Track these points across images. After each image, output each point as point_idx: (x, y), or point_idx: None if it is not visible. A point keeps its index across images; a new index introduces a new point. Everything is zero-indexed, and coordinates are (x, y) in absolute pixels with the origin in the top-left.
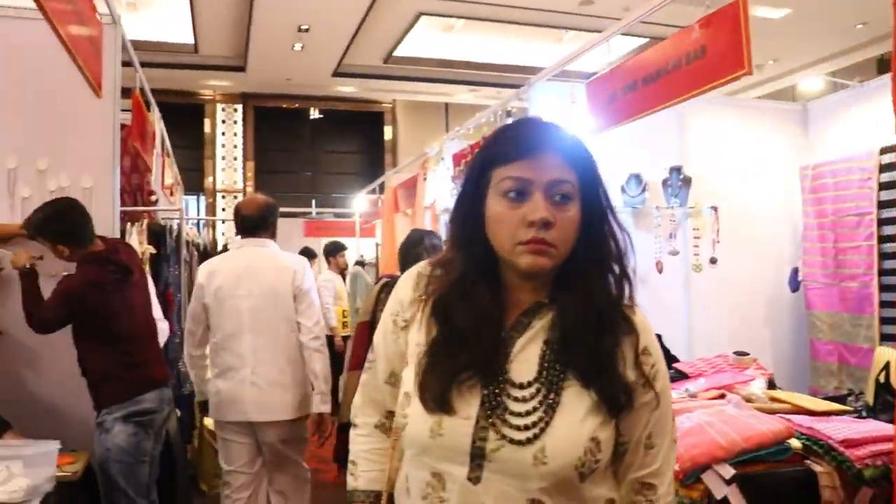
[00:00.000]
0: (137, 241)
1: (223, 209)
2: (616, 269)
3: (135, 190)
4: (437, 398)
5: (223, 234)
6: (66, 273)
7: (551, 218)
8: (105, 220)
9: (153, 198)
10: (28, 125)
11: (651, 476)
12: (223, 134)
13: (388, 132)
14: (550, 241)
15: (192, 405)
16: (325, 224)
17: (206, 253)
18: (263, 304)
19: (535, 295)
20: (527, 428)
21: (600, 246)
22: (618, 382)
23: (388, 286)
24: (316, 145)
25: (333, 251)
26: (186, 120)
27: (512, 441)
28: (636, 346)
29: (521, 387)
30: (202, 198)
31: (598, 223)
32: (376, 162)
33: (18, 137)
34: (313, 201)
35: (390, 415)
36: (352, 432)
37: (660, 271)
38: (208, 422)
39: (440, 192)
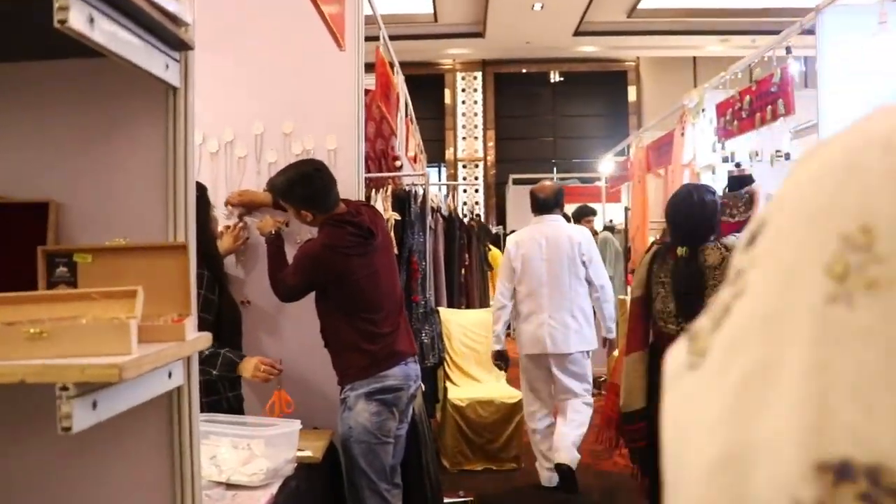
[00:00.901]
0: (382, 207)
1: (464, 178)
2: None
3: (379, 156)
4: None
5: (464, 203)
6: (310, 238)
7: None
8: (349, 184)
9: (398, 163)
10: (272, 89)
11: None
12: (463, 102)
13: (631, 92)
14: None
15: (437, 377)
16: (569, 189)
17: (451, 220)
18: (558, 266)
19: None
20: None
21: None
22: None
23: (660, 255)
24: (557, 109)
25: (581, 215)
26: (427, 90)
27: None
28: None
29: None
30: (443, 169)
31: None
32: (620, 124)
33: (263, 102)
34: (554, 168)
35: None
36: None
37: None
38: (453, 394)
39: (701, 148)
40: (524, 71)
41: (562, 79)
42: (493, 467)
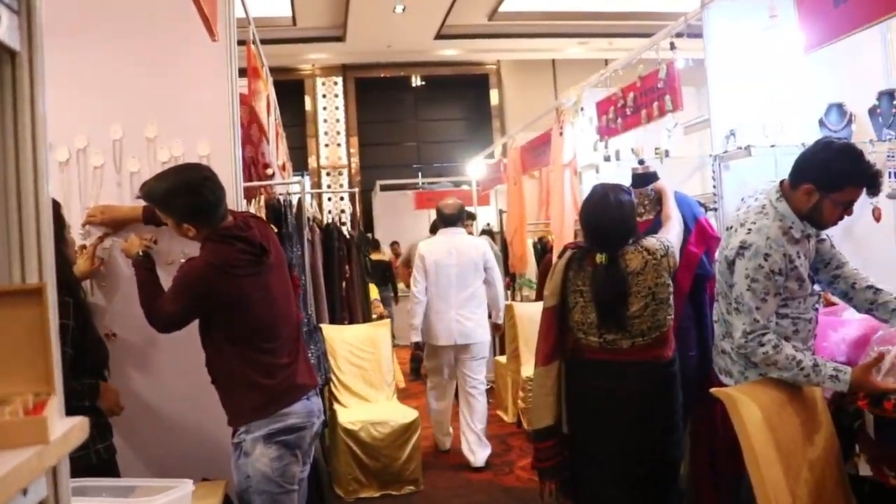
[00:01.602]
0: None
1: (328, 186)
2: None
3: (248, 164)
4: None
5: (329, 211)
6: (185, 258)
7: None
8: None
9: (269, 171)
10: (130, 87)
11: None
12: (324, 109)
13: (494, 96)
14: None
15: (323, 399)
16: (437, 194)
17: (329, 231)
18: (465, 269)
19: None
20: None
21: None
22: None
23: (576, 261)
24: (420, 114)
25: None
26: (287, 97)
27: None
28: None
29: None
30: (307, 177)
31: None
32: (483, 128)
33: (121, 103)
34: (419, 173)
35: None
36: None
37: (877, 219)
38: (344, 417)
39: (581, 147)
40: (385, 75)
41: (423, 83)
42: (392, 492)
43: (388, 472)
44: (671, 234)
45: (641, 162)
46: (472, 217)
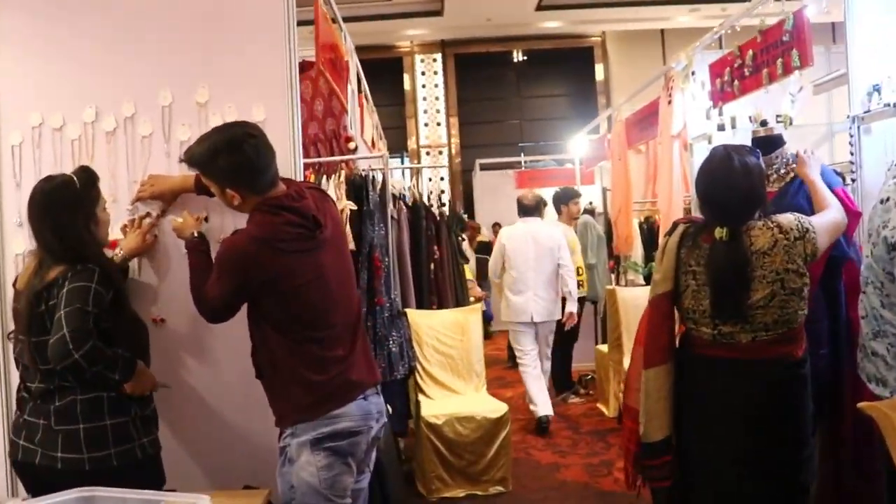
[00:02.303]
0: (335, 196)
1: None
2: None
3: (330, 138)
4: None
5: (430, 192)
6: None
7: None
8: (282, 168)
9: (351, 145)
10: (179, 48)
11: None
12: (423, 86)
13: (599, 71)
14: None
15: (408, 389)
16: (538, 173)
17: (417, 209)
18: (541, 254)
19: None
20: None
21: None
22: None
23: (689, 238)
24: (522, 91)
25: (565, 198)
26: (384, 75)
27: None
28: None
29: None
30: (406, 160)
31: None
32: (588, 104)
33: (170, 66)
34: (522, 153)
35: None
36: None
37: None
38: (427, 410)
39: (691, 116)
40: (485, 51)
41: (525, 58)
42: (477, 492)
43: (474, 471)
44: (823, 219)
45: (764, 123)
46: (579, 195)
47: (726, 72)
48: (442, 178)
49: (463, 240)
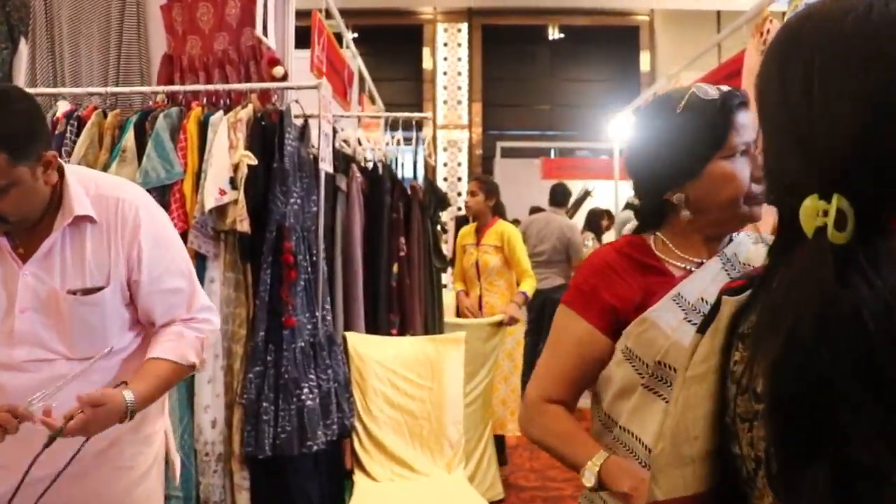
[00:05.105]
0: (227, 141)
1: (444, 149)
2: None
3: (246, 58)
4: None
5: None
6: None
7: None
8: None
9: (277, 70)
10: None
11: None
12: (445, 59)
13: (644, 57)
14: None
15: (335, 468)
16: (567, 163)
17: (378, 178)
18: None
19: None
20: None
21: None
22: None
23: None
24: (556, 72)
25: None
26: (402, 44)
27: None
28: None
29: None
30: (422, 145)
31: None
32: (630, 93)
33: None
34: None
35: None
36: None
37: None
38: (363, 500)
39: None
40: (517, 23)
41: (562, 35)
42: None
43: None
44: None
45: None
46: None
47: None
48: (459, 164)
49: (444, 231)
